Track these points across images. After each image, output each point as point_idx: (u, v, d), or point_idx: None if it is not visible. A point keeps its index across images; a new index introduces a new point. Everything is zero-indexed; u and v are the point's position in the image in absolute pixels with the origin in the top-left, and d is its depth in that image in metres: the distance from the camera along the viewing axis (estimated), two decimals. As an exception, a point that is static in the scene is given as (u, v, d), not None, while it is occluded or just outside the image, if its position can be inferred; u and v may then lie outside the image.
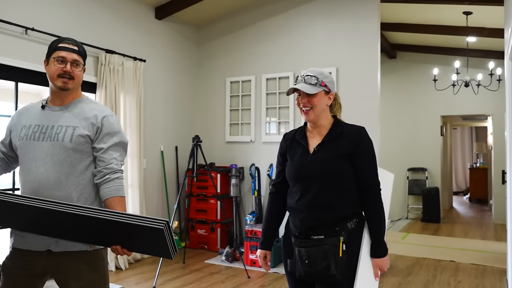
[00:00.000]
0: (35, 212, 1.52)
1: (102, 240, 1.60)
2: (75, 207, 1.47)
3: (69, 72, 1.73)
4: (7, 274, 1.73)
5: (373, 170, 1.82)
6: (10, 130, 1.83)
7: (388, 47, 7.61)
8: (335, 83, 1.92)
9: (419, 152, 8.21)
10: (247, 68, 5.75)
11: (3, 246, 4.15)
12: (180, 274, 4.33)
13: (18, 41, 3.82)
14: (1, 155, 1.86)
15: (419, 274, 4.35)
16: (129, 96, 4.78)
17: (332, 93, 1.87)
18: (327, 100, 1.85)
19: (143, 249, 1.62)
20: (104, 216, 1.43)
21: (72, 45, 1.76)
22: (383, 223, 1.80)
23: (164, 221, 1.38)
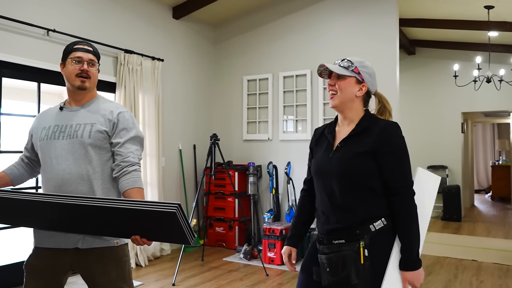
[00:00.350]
0: (55, 209, 1.56)
1: (122, 231, 1.62)
2: (89, 199, 1.50)
3: (86, 71, 1.79)
4: (31, 273, 1.77)
5: (402, 172, 1.59)
6: (31, 134, 1.90)
7: (406, 43, 7.50)
8: (376, 78, 1.75)
9: (439, 150, 8.08)
10: (264, 66, 5.74)
11: (21, 245, 4.26)
12: (198, 271, 4.37)
13: (40, 43, 3.90)
14: (26, 160, 1.94)
15: (440, 274, 4.28)
16: (147, 96, 4.83)
17: (365, 84, 1.68)
18: (358, 90, 1.67)
19: (161, 237, 1.63)
20: (117, 205, 1.45)
21: (87, 46, 1.84)
22: (414, 232, 1.56)
23: (177, 204, 1.37)
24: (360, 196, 1.59)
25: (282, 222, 5.07)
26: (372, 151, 1.59)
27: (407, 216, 1.56)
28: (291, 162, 5.37)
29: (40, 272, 1.76)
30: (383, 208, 1.60)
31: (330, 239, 1.61)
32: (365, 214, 1.58)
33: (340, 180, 1.61)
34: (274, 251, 4.60)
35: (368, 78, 1.70)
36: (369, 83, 1.70)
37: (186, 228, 1.43)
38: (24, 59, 3.76)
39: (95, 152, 1.76)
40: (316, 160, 1.75)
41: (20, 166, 1.94)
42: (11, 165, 1.93)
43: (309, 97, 5.34)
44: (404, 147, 1.62)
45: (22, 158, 1.95)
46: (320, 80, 5.26)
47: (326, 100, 5.24)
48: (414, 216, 1.57)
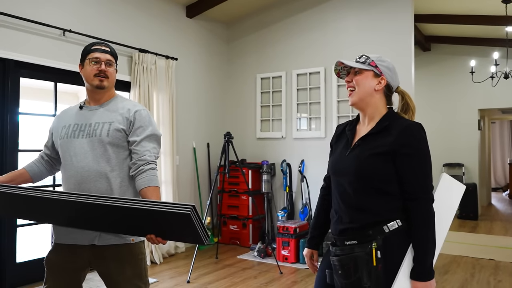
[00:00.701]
0: (73, 207, 1.58)
1: (137, 230, 1.64)
2: (105, 198, 1.51)
3: (104, 71, 1.83)
4: (51, 268, 1.81)
5: (421, 176, 1.51)
6: (52, 133, 1.95)
7: (422, 39, 7.41)
8: (396, 73, 1.66)
9: (455, 147, 7.97)
10: (277, 64, 5.74)
11: (40, 241, 4.34)
12: (213, 269, 4.39)
13: (57, 43, 3.96)
14: (45, 157, 1.98)
15: (457, 273, 4.23)
16: (161, 94, 4.87)
17: (384, 77, 1.60)
18: (376, 84, 1.59)
19: (176, 236, 1.65)
20: (132, 204, 1.46)
21: (104, 47, 1.87)
22: (430, 241, 1.47)
23: (191, 206, 1.38)
24: (374, 197, 1.52)
25: (296, 220, 5.07)
26: (391, 151, 1.51)
27: (424, 223, 1.47)
28: (305, 160, 5.35)
29: (59, 267, 1.79)
30: (399, 211, 1.52)
31: (343, 240, 1.56)
32: (378, 215, 1.51)
33: (354, 179, 1.54)
34: (288, 249, 4.60)
35: (387, 71, 1.62)
36: (388, 76, 1.62)
37: (200, 229, 1.43)
38: (41, 59, 3.82)
39: (113, 151, 1.79)
40: (334, 157, 1.70)
41: (39, 163, 1.97)
42: (31, 162, 1.97)
43: (323, 94, 5.31)
44: (426, 150, 1.53)
45: (42, 156, 1.99)
46: (334, 78, 5.23)
47: (340, 97, 5.21)
48: (431, 224, 1.48)
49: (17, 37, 3.66)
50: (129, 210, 1.48)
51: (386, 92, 1.64)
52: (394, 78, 1.65)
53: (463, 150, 7.93)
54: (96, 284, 3.82)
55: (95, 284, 3.81)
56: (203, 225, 1.44)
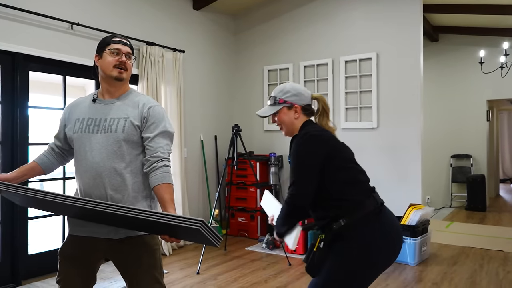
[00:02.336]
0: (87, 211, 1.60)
1: (152, 231, 1.68)
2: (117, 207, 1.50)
3: (124, 62, 1.83)
4: (66, 260, 1.82)
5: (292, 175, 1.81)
6: (64, 124, 1.92)
7: (430, 29, 7.33)
8: (302, 90, 1.93)
9: (463, 138, 7.92)
10: (284, 56, 5.71)
11: (54, 233, 4.39)
12: (222, 260, 4.42)
13: (65, 36, 3.97)
14: (56, 149, 1.97)
15: (465, 264, 4.23)
16: (169, 87, 4.87)
17: (297, 105, 1.89)
18: (294, 114, 1.90)
19: (189, 238, 1.67)
20: (145, 216, 1.46)
21: (124, 39, 1.88)
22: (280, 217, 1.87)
23: (200, 221, 1.39)
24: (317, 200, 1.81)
25: (304, 212, 5.07)
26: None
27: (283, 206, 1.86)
28: (313, 152, 5.35)
29: (74, 259, 1.81)
30: (332, 210, 1.78)
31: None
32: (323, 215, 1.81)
33: None
34: (296, 240, 4.61)
35: (295, 98, 1.90)
36: (298, 101, 1.90)
37: (212, 237, 1.46)
38: (49, 53, 3.83)
39: (128, 147, 1.79)
40: None
41: (50, 155, 1.96)
42: (41, 155, 1.96)
43: (330, 86, 5.29)
44: (298, 158, 1.79)
45: (52, 148, 1.97)
46: (342, 69, 5.20)
47: (348, 89, 5.18)
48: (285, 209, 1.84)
49: (25, 31, 3.67)
50: (143, 221, 1.50)
51: (305, 111, 1.93)
52: (303, 98, 1.92)
53: (471, 141, 7.87)
54: (108, 275, 3.87)
55: (107, 276, 3.86)
56: (214, 232, 1.46)
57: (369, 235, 1.74)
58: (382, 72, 4.97)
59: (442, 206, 7.97)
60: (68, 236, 1.87)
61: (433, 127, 7.93)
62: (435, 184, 8.09)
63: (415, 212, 4.26)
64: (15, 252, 3.64)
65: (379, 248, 1.74)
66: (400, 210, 4.72)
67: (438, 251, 4.69)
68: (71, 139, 1.86)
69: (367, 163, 5.02)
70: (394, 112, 4.89)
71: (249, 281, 3.76)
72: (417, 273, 3.95)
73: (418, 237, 4.18)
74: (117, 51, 1.82)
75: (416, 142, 4.75)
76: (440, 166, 8.10)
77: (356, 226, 1.74)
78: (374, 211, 1.77)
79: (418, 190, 4.72)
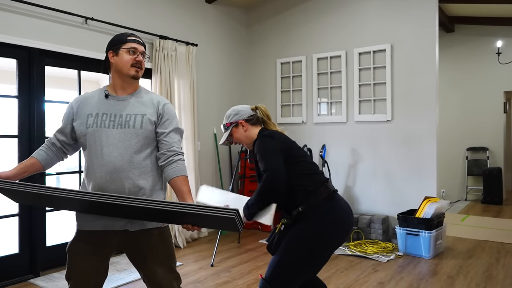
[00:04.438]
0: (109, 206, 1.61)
1: (175, 221, 1.70)
2: (149, 201, 1.53)
3: (141, 61, 1.88)
4: (76, 255, 1.82)
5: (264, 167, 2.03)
6: (72, 119, 1.89)
7: (445, 20, 7.20)
8: (241, 110, 2.27)
9: (479, 131, 7.79)
10: (297, 49, 5.68)
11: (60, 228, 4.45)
12: (235, 253, 4.45)
13: (79, 31, 4.00)
14: (58, 144, 1.92)
15: (481, 257, 4.18)
16: (182, 81, 4.89)
17: (240, 120, 2.23)
18: (242, 128, 2.24)
19: (212, 225, 1.70)
20: (179, 209, 1.50)
21: (139, 38, 1.92)
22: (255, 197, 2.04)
23: (235, 211, 1.45)
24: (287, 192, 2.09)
25: (317, 205, 5.06)
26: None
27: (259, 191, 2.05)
28: (326, 145, 5.33)
29: (85, 254, 1.81)
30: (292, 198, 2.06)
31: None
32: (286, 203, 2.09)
33: None
34: (309, 233, 4.61)
35: (237, 116, 2.25)
36: (240, 117, 2.24)
37: (240, 223, 1.51)
38: (64, 47, 3.88)
39: (145, 142, 1.83)
40: None
41: (49, 150, 1.91)
42: (40, 151, 1.90)
43: (344, 78, 5.25)
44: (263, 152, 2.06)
45: (53, 142, 1.92)
46: (355, 61, 5.15)
47: (362, 81, 5.14)
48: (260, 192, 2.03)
49: (41, 26, 3.71)
50: (173, 213, 1.54)
51: (250, 121, 2.25)
52: (244, 112, 2.26)
53: (487, 134, 7.75)
54: (123, 267, 3.92)
55: (122, 268, 3.91)
56: (242, 220, 1.53)
57: (323, 217, 2.03)
58: (397, 64, 4.91)
59: (457, 200, 7.88)
60: (76, 232, 1.86)
61: (448, 119, 7.83)
62: (450, 177, 8.00)
63: (430, 205, 4.22)
64: (33, 244, 3.71)
65: (332, 228, 2.02)
66: (415, 203, 4.68)
67: (453, 245, 4.65)
68: (83, 134, 1.83)
69: (381, 156, 5.00)
70: (409, 104, 4.84)
71: (262, 273, 3.77)
72: (432, 266, 3.93)
73: (433, 230, 4.15)
74: (133, 49, 1.87)
75: (431, 135, 4.70)
76: (455, 159, 8.00)
77: (312, 210, 2.03)
78: (328, 197, 2.07)
79: (433, 183, 4.67)
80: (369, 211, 5.07)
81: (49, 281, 3.55)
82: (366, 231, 4.74)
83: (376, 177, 5.01)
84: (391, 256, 4.21)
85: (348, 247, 4.50)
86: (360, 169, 5.15)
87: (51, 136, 1.95)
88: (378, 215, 4.83)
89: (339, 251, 4.40)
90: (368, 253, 4.30)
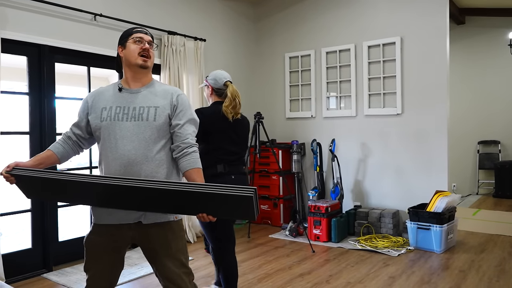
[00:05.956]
0: (125, 191, 1.62)
1: (189, 210, 1.69)
2: (165, 183, 1.55)
3: (148, 49, 1.88)
4: (93, 249, 1.85)
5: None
6: (87, 113, 1.91)
7: (455, 12, 7.11)
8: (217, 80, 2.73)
9: (491, 124, 7.70)
10: (306, 43, 5.65)
11: (77, 222, 4.51)
12: (246, 247, 4.46)
13: (88, 28, 4.02)
14: (74, 137, 1.94)
15: (493, 252, 4.14)
16: (191, 76, 4.89)
17: (210, 86, 2.73)
18: (209, 91, 2.77)
19: (227, 214, 1.70)
20: (194, 189, 1.53)
21: (145, 30, 1.94)
22: None
23: (253, 189, 1.48)
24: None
25: (327, 199, 5.06)
26: None
27: None
28: (336, 139, 5.30)
29: (101, 247, 1.84)
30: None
31: None
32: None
33: None
34: (319, 228, 4.61)
35: (212, 81, 2.72)
36: (213, 84, 2.72)
37: (256, 207, 1.52)
38: (74, 44, 3.90)
39: (159, 134, 1.83)
40: None
41: (65, 144, 1.93)
42: (56, 144, 1.93)
43: (353, 72, 5.21)
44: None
45: (69, 136, 1.94)
46: (365, 54, 5.11)
47: (371, 75, 5.10)
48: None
49: (50, 23, 3.73)
50: (190, 194, 1.55)
51: (217, 93, 2.73)
52: (217, 82, 2.70)
53: (499, 127, 7.65)
54: (135, 262, 3.95)
55: (134, 262, 3.94)
56: (257, 203, 1.53)
57: None
58: (407, 56, 4.86)
59: (469, 194, 7.81)
60: (93, 225, 1.89)
61: (459, 113, 7.74)
62: (461, 171, 7.92)
63: (441, 199, 4.18)
64: (46, 239, 3.75)
65: None
66: (426, 197, 4.65)
67: (465, 239, 4.61)
68: (98, 127, 1.85)
69: (391, 150, 4.96)
70: (419, 97, 4.79)
71: (273, 268, 3.78)
72: (443, 260, 3.90)
73: (444, 225, 4.11)
74: (139, 39, 1.89)
75: (442, 128, 4.65)
76: (466, 153, 7.92)
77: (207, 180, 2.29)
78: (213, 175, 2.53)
79: (444, 177, 4.63)
80: (379, 205, 5.04)
81: (62, 276, 3.59)
82: (376, 226, 4.72)
83: (386, 171, 4.98)
84: (401, 250, 4.19)
85: (359, 241, 4.49)
86: (370, 163, 5.12)
87: (67, 130, 1.98)
88: (388, 209, 4.80)
89: (349, 246, 4.39)
90: (378, 247, 4.28)
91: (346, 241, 4.59)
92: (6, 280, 3.37)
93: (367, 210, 4.83)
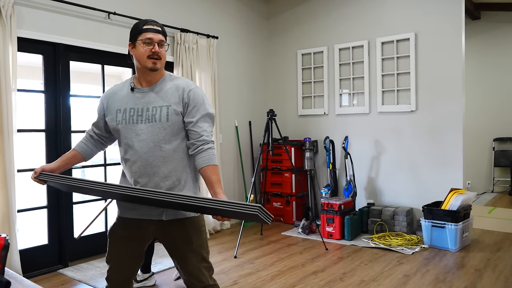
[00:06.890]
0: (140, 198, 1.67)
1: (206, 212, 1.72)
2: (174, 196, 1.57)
3: (157, 52, 1.82)
4: (116, 240, 1.89)
5: None
6: (103, 114, 1.94)
7: (471, 7, 7.00)
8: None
9: (507, 121, 7.57)
10: (318, 39, 5.62)
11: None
12: (258, 245, 4.46)
13: (102, 26, 4.05)
14: (95, 136, 2.01)
15: (510, 250, 4.08)
16: (204, 73, 4.90)
17: None
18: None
19: (241, 218, 1.71)
20: (202, 204, 1.53)
21: (156, 26, 1.85)
22: None
23: (257, 207, 1.44)
24: None
25: (340, 197, 5.04)
26: None
27: None
28: (349, 136, 5.27)
29: (124, 240, 1.88)
30: None
31: None
32: None
33: None
34: (332, 225, 4.59)
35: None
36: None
37: (265, 217, 1.48)
38: (88, 42, 3.93)
39: (173, 133, 1.82)
40: None
41: (89, 142, 2.00)
42: (80, 143, 2.00)
43: (366, 69, 5.17)
44: None
45: (91, 135, 2.01)
46: (378, 51, 5.06)
47: (384, 71, 5.05)
48: None
49: (65, 21, 3.77)
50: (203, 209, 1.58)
51: None
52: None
53: (515, 124, 7.53)
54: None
55: (147, 258, 3.97)
56: (268, 213, 1.49)
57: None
58: (421, 53, 4.80)
59: (484, 191, 7.71)
60: (117, 218, 1.93)
61: (475, 109, 7.63)
62: (477, 168, 7.81)
63: (457, 197, 4.14)
64: (61, 235, 3.80)
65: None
66: (440, 195, 4.60)
67: (480, 237, 4.55)
68: (116, 130, 1.88)
69: (405, 147, 4.92)
70: (434, 94, 4.73)
71: (286, 265, 3.78)
72: (458, 259, 3.86)
73: (459, 223, 4.07)
74: (149, 40, 1.80)
75: (457, 125, 4.59)
76: (481, 150, 7.80)
77: None
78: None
79: (459, 175, 4.57)
80: (393, 203, 5.00)
81: (78, 271, 3.64)
82: (390, 223, 4.69)
83: (400, 168, 4.93)
84: (416, 248, 4.16)
85: (372, 239, 4.46)
86: (384, 161, 5.08)
87: (89, 129, 2.03)
88: (402, 207, 4.76)
89: (363, 243, 4.37)
90: (392, 245, 4.25)
91: (359, 239, 4.57)
92: (23, 275, 3.43)
93: (380, 208, 4.79)
